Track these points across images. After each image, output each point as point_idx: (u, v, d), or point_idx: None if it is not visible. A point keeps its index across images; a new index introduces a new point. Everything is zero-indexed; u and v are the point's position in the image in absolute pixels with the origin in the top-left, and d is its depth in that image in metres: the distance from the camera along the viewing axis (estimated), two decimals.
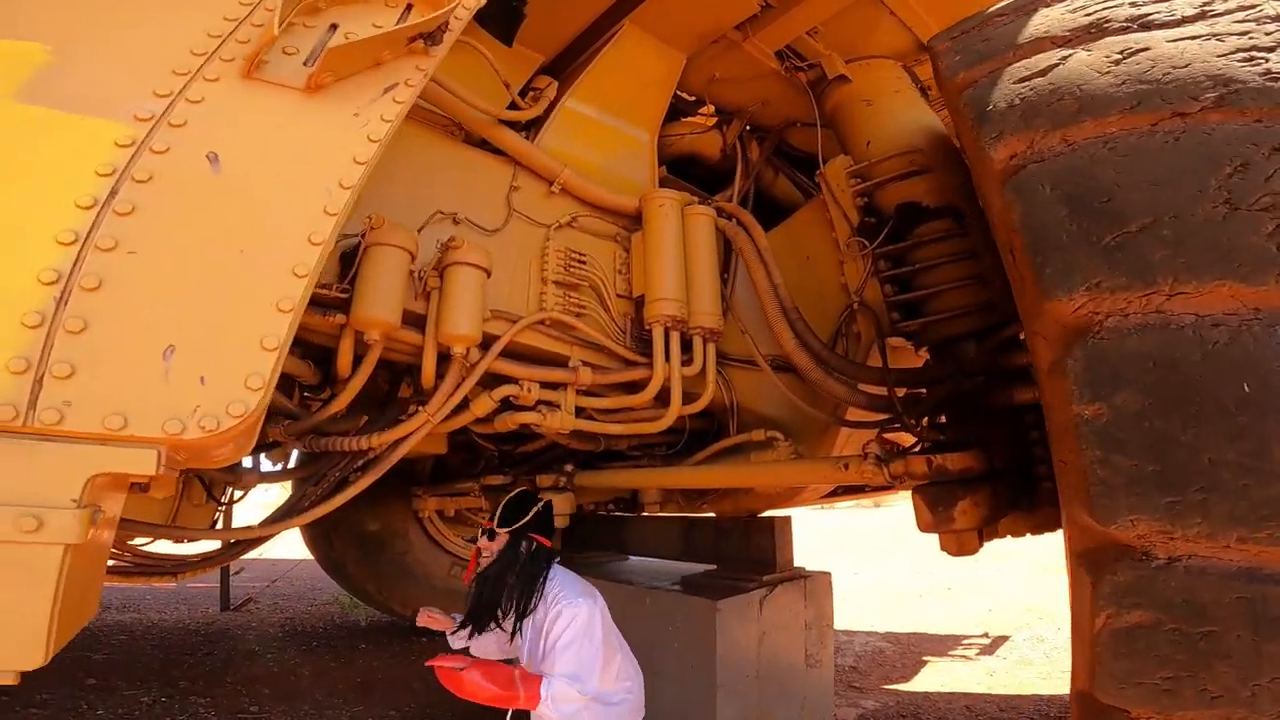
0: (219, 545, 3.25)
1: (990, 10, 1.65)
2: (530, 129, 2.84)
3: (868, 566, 10.42)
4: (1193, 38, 1.26)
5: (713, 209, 3.01)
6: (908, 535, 14.02)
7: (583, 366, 2.63)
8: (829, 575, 3.73)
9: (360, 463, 2.50)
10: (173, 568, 2.99)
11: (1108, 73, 1.29)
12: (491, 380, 2.51)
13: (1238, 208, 1.11)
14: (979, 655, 5.51)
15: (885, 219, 2.65)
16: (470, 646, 2.12)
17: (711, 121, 3.54)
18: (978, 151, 1.44)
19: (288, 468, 3.55)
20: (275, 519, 2.66)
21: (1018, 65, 1.42)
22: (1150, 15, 1.34)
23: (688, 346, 2.82)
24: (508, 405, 2.62)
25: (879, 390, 2.53)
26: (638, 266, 2.86)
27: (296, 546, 7.10)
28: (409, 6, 1.67)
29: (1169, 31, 1.30)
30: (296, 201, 1.38)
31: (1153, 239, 1.16)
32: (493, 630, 2.03)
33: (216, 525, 3.61)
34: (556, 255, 2.68)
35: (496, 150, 2.70)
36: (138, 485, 1.25)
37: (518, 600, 1.95)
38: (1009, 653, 5.53)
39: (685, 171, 3.52)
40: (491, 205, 2.63)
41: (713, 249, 2.92)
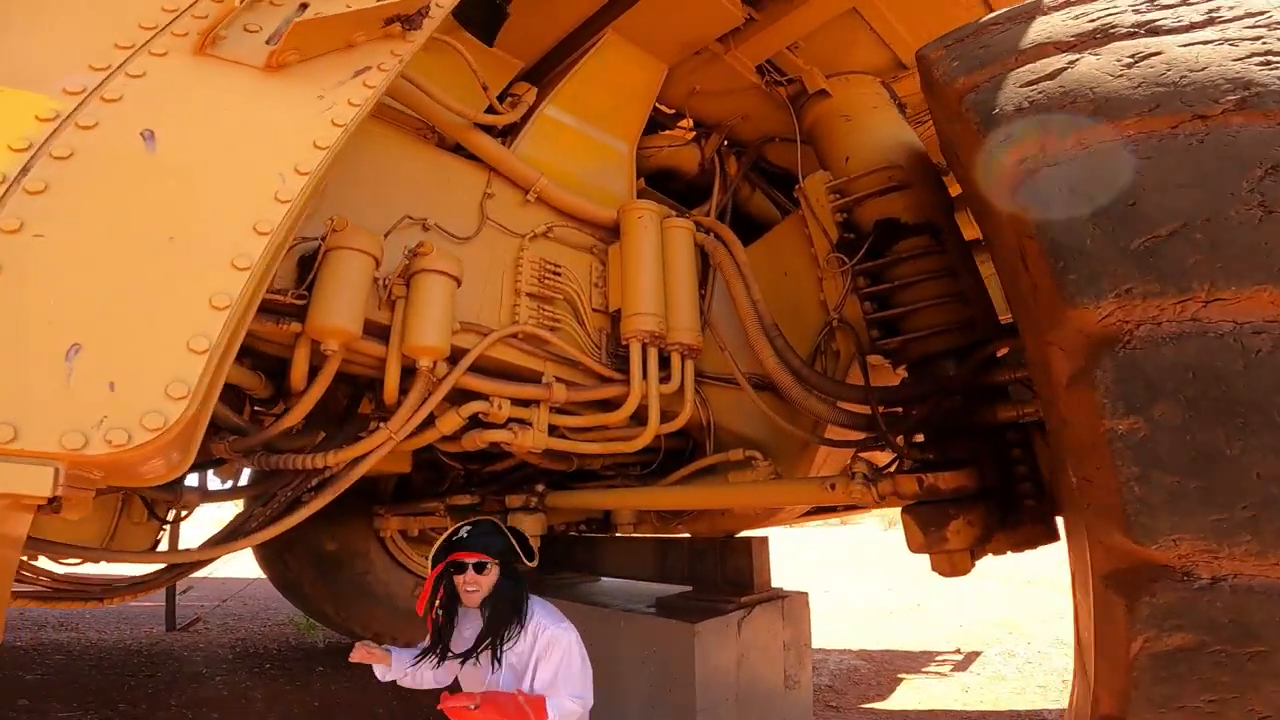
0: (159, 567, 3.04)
1: (984, 19, 1.63)
2: (507, 135, 2.76)
3: (836, 584, 10.44)
4: (1205, 42, 1.24)
5: (691, 222, 2.95)
6: (873, 552, 14.18)
7: (556, 383, 2.53)
8: (806, 595, 3.68)
9: (315, 482, 2.35)
10: (100, 592, 2.77)
11: (1121, 76, 1.26)
12: (459, 396, 2.39)
13: (1273, 210, 1.08)
14: (953, 671, 5.52)
15: (864, 235, 2.63)
16: (403, 679, 2.03)
17: (690, 135, 3.50)
18: (984, 156, 1.37)
19: (237, 486, 3.34)
20: (217, 541, 2.49)
21: (1023, 69, 1.38)
22: (1157, 21, 1.32)
23: (665, 363, 2.74)
24: (476, 423, 2.50)
25: (860, 409, 2.49)
26: (615, 280, 2.78)
27: (250, 565, 6.77)
28: None
29: (1179, 36, 1.28)
30: (243, 186, 1.25)
31: (1185, 243, 1.10)
32: (428, 662, 1.99)
33: (159, 545, 3.37)
34: (531, 266, 2.58)
35: (471, 156, 2.61)
36: (47, 506, 1.09)
37: (511, 629, 1.94)
38: (982, 668, 5.56)
39: (662, 185, 3.47)
40: (464, 212, 2.53)
41: (692, 263, 2.87)
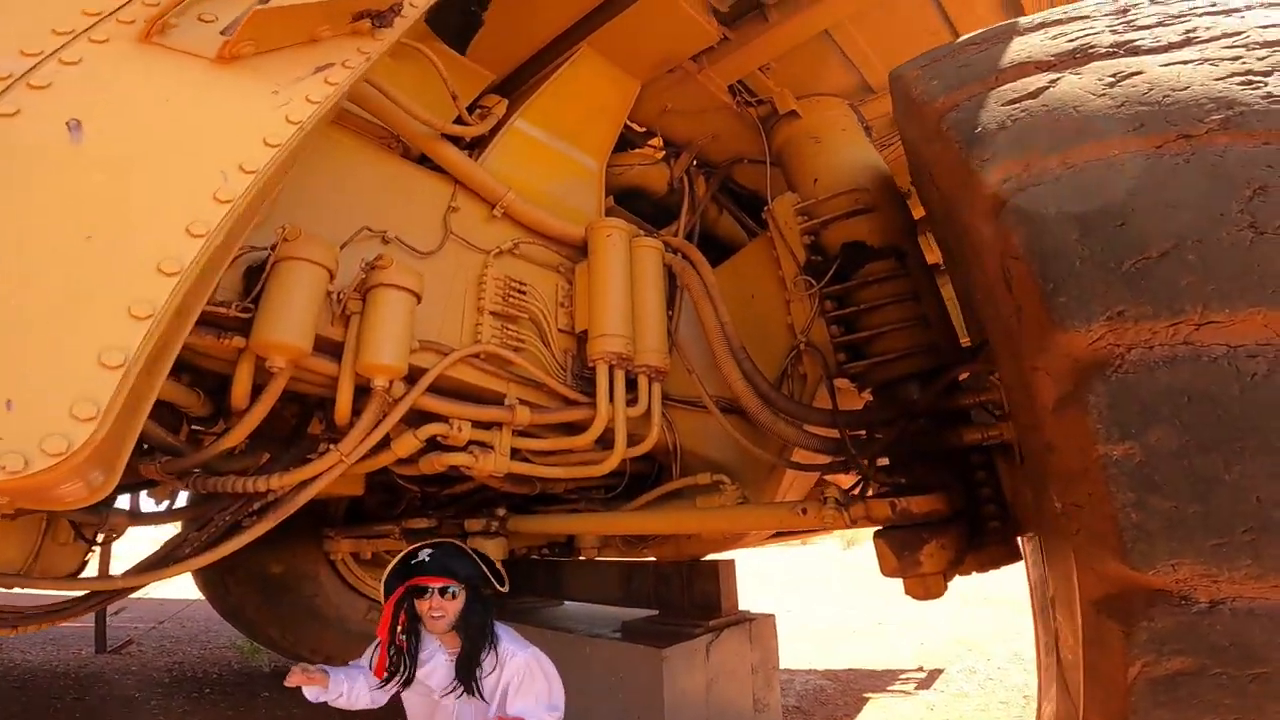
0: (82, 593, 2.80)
1: (961, 40, 1.64)
2: (475, 148, 2.68)
3: (796, 604, 10.46)
4: (1185, 62, 1.25)
5: (661, 242, 2.92)
6: (833, 571, 14.29)
7: (520, 405, 2.44)
8: (773, 617, 3.64)
9: (258, 505, 2.20)
10: (14, 620, 2.54)
11: (1103, 95, 1.26)
12: (417, 418, 2.28)
13: (1264, 232, 1.07)
14: (917, 690, 5.54)
15: (831, 258, 2.65)
16: (336, 700, 1.96)
17: (660, 154, 3.49)
18: (966, 175, 1.34)
19: (173, 508, 3.12)
20: (147, 567, 2.30)
21: (1004, 88, 1.37)
22: (1136, 41, 1.33)
23: (632, 386, 2.68)
24: (435, 445, 2.38)
25: (827, 432, 2.48)
26: (581, 299, 2.71)
27: (189, 585, 6.39)
28: None
29: (1159, 56, 1.28)
30: (177, 183, 1.15)
31: (1177, 265, 1.09)
32: (391, 687, 1.99)
33: (85, 568, 3.12)
34: (495, 284, 2.50)
35: (436, 167, 2.52)
36: None
37: (486, 656, 1.94)
38: (945, 685, 5.60)
39: (630, 205, 3.43)
40: (426, 225, 2.44)
41: (661, 284, 2.83)
